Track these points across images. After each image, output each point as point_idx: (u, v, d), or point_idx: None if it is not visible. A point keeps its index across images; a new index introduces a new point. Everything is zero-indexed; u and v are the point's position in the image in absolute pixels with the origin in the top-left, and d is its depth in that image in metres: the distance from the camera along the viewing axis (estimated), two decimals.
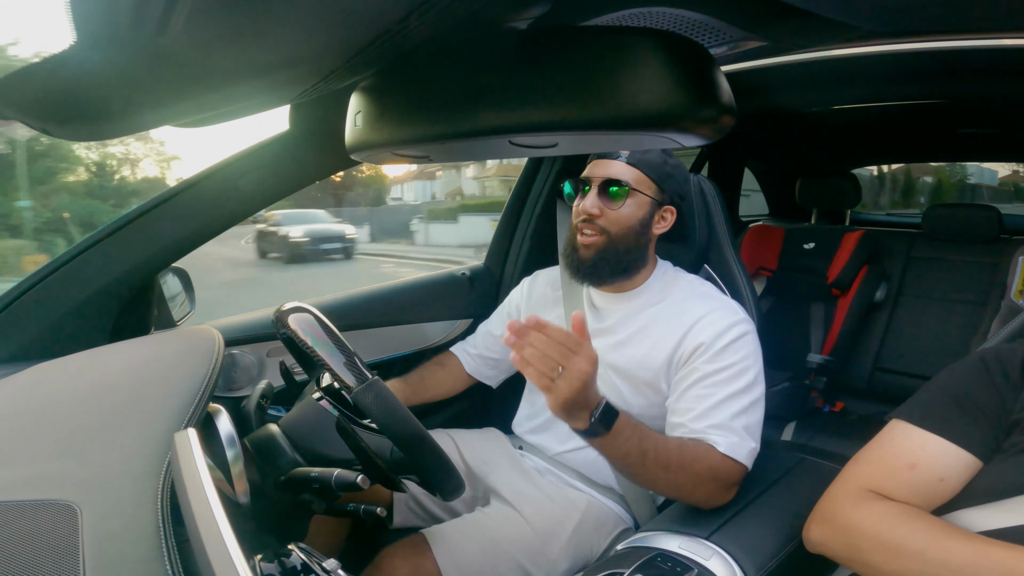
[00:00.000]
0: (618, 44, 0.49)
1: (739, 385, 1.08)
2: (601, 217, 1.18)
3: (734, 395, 1.07)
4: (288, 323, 0.89)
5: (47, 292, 1.11)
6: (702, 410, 1.07)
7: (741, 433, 1.05)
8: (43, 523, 0.55)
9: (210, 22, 0.44)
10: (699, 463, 1.00)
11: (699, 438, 1.04)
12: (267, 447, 0.90)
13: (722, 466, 1.02)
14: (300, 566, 0.68)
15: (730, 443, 1.03)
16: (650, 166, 1.19)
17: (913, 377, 2.30)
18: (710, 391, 1.08)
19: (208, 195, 1.20)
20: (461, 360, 1.48)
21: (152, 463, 0.64)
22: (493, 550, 1.12)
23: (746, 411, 1.07)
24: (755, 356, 1.12)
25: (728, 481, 1.03)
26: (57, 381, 0.89)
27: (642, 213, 1.19)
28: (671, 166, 1.22)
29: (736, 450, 1.03)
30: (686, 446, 1.02)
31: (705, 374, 1.09)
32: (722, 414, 1.06)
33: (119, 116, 0.66)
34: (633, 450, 0.95)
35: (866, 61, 1.38)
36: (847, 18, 0.82)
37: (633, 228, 1.18)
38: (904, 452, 0.84)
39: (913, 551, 0.75)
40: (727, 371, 1.09)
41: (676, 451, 0.99)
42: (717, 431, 1.04)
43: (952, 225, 2.44)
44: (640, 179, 1.19)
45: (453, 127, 0.57)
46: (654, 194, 1.20)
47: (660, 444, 0.98)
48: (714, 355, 1.10)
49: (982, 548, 0.71)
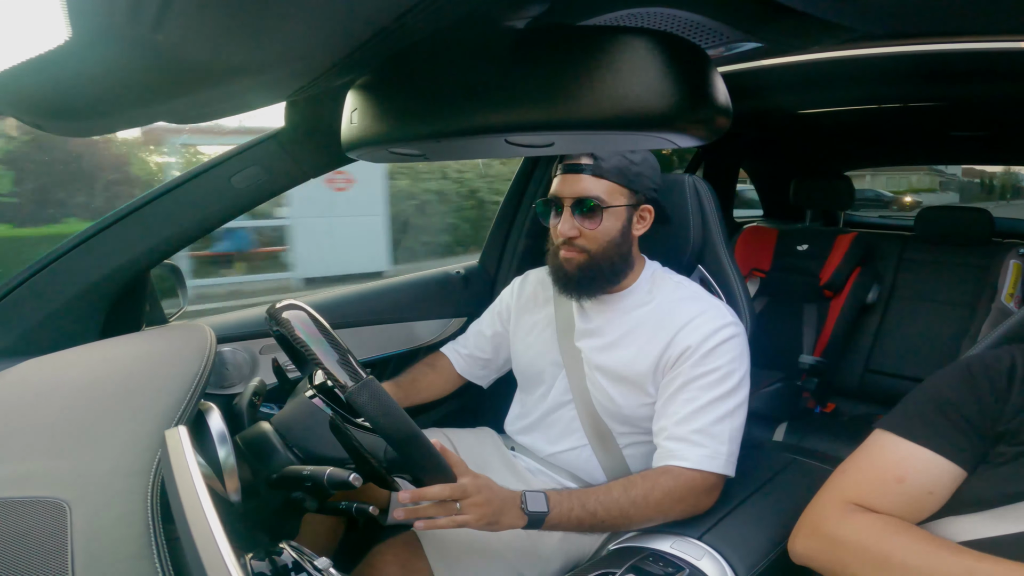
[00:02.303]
0: (615, 44, 0.48)
1: (723, 389, 1.09)
2: (580, 237, 1.16)
3: (718, 399, 1.08)
4: (281, 320, 0.88)
5: (37, 288, 1.11)
6: (685, 414, 1.09)
7: (719, 439, 1.07)
8: (32, 520, 0.55)
9: (206, 19, 0.43)
10: (655, 492, 1.03)
11: (664, 463, 1.07)
12: (259, 445, 0.90)
13: (689, 483, 1.05)
14: (291, 564, 0.68)
15: (701, 455, 1.05)
16: (617, 173, 1.14)
17: (904, 379, 2.32)
18: (694, 395, 1.09)
19: (201, 192, 1.20)
20: (451, 360, 1.47)
21: (142, 460, 0.64)
22: (484, 549, 1.12)
23: (730, 415, 1.08)
24: (740, 359, 1.12)
25: (702, 490, 1.06)
26: (47, 378, 0.88)
27: (620, 224, 1.17)
28: (637, 164, 1.17)
29: (708, 462, 1.05)
30: (633, 485, 1.04)
31: (690, 378, 1.10)
32: (704, 419, 1.07)
33: (114, 112, 0.65)
34: (584, 516, 1.01)
35: (861, 63, 1.39)
36: (842, 20, 0.82)
37: (613, 240, 1.16)
38: (891, 465, 0.83)
39: (899, 564, 0.74)
40: (712, 375, 1.09)
41: (624, 497, 1.03)
42: (694, 438, 1.06)
43: (944, 228, 2.46)
44: (611, 190, 1.15)
45: (449, 125, 0.57)
46: (628, 199, 1.17)
47: (605, 500, 1.02)
48: (700, 359, 1.10)
49: (969, 562, 0.71)
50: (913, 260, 2.49)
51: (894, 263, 2.51)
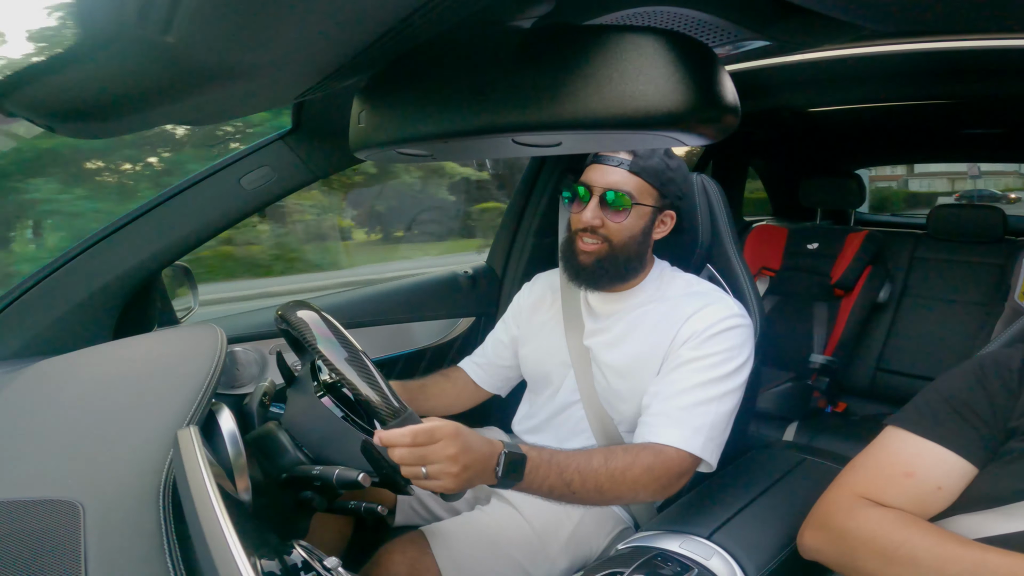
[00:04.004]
0: (622, 43, 0.48)
1: (716, 374, 1.09)
2: (602, 227, 1.16)
3: (708, 383, 1.09)
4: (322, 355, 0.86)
5: (51, 289, 1.12)
6: (672, 392, 1.09)
7: (699, 420, 1.06)
8: (46, 521, 0.55)
9: (214, 21, 0.44)
10: (634, 468, 1.01)
11: (647, 440, 1.06)
12: (269, 445, 0.90)
13: (667, 461, 1.04)
14: (301, 564, 0.68)
15: (679, 435, 1.05)
16: (652, 173, 1.15)
17: (916, 378, 2.30)
18: (686, 376, 1.10)
19: (211, 193, 1.20)
20: (469, 373, 1.43)
21: (154, 460, 0.64)
22: (492, 548, 1.12)
23: (718, 399, 1.08)
24: (740, 349, 1.12)
25: (677, 472, 1.05)
26: (60, 378, 0.89)
27: (643, 223, 1.17)
28: (672, 169, 1.18)
29: (685, 442, 1.05)
30: (615, 456, 1.01)
31: (686, 360, 1.11)
32: (689, 398, 1.08)
33: (123, 114, 0.66)
34: (556, 484, 0.96)
35: (871, 61, 1.38)
36: (852, 17, 0.82)
37: (634, 237, 1.17)
38: (901, 460, 0.83)
39: (908, 558, 0.74)
40: (708, 359, 1.10)
41: (604, 468, 0.99)
42: (677, 415, 1.06)
43: (956, 226, 2.43)
44: (642, 188, 1.15)
45: (457, 126, 0.57)
46: (655, 202, 1.17)
47: (585, 469, 0.98)
48: (699, 343, 1.11)
49: (979, 555, 0.71)
50: (925, 259, 2.47)
51: (906, 262, 2.48)
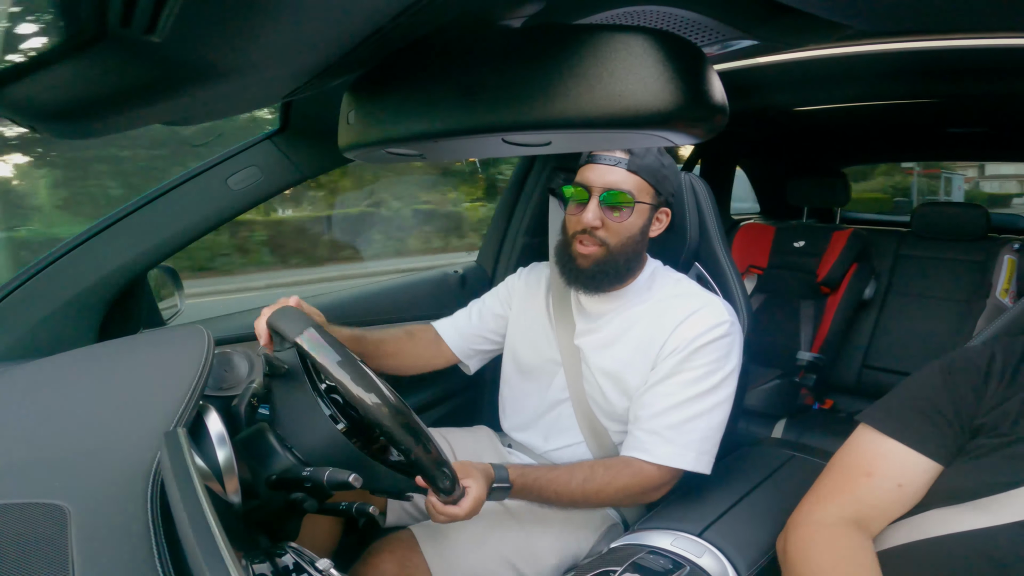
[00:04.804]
0: (611, 42, 0.48)
1: (703, 387, 1.10)
2: (602, 229, 1.14)
3: (696, 397, 1.09)
4: (392, 432, 0.82)
5: (35, 291, 1.10)
6: (661, 408, 1.10)
7: (690, 437, 1.08)
8: (32, 524, 0.55)
9: (200, 20, 0.43)
10: (612, 487, 1.09)
11: (628, 454, 1.12)
12: (258, 446, 0.89)
13: (647, 479, 1.09)
14: (292, 566, 0.68)
15: (667, 452, 1.08)
16: (649, 171, 1.14)
17: (901, 374, 2.29)
18: (673, 390, 1.10)
19: (198, 194, 1.19)
20: (443, 335, 1.39)
21: (142, 463, 0.63)
22: (481, 546, 1.12)
23: (707, 412, 1.10)
24: (727, 359, 1.12)
25: (657, 485, 1.10)
26: (45, 381, 0.88)
27: (642, 222, 1.16)
28: (666, 167, 1.18)
29: (673, 459, 1.08)
30: (595, 477, 1.09)
31: (673, 372, 1.11)
32: (678, 415, 1.09)
33: (110, 114, 0.65)
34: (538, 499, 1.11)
35: (857, 60, 1.39)
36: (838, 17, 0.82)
37: (633, 237, 1.16)
38: (864, 460, 0.86)
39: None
40: (694, 372, 1.10)
41: (580, 490, 1.09)
42: (665, 434, 1.09)
43: (940, 224, 2.46)
44: (641, 187, 1.14)
45: (447, 125, 0.57)
46: (653, 199, 1.16)
47: (563, 490, 1.09)
48: (687, 355, 1.11)
49: None
50: (910, 256, 2.50)
51: (891, 259, 2.52)
